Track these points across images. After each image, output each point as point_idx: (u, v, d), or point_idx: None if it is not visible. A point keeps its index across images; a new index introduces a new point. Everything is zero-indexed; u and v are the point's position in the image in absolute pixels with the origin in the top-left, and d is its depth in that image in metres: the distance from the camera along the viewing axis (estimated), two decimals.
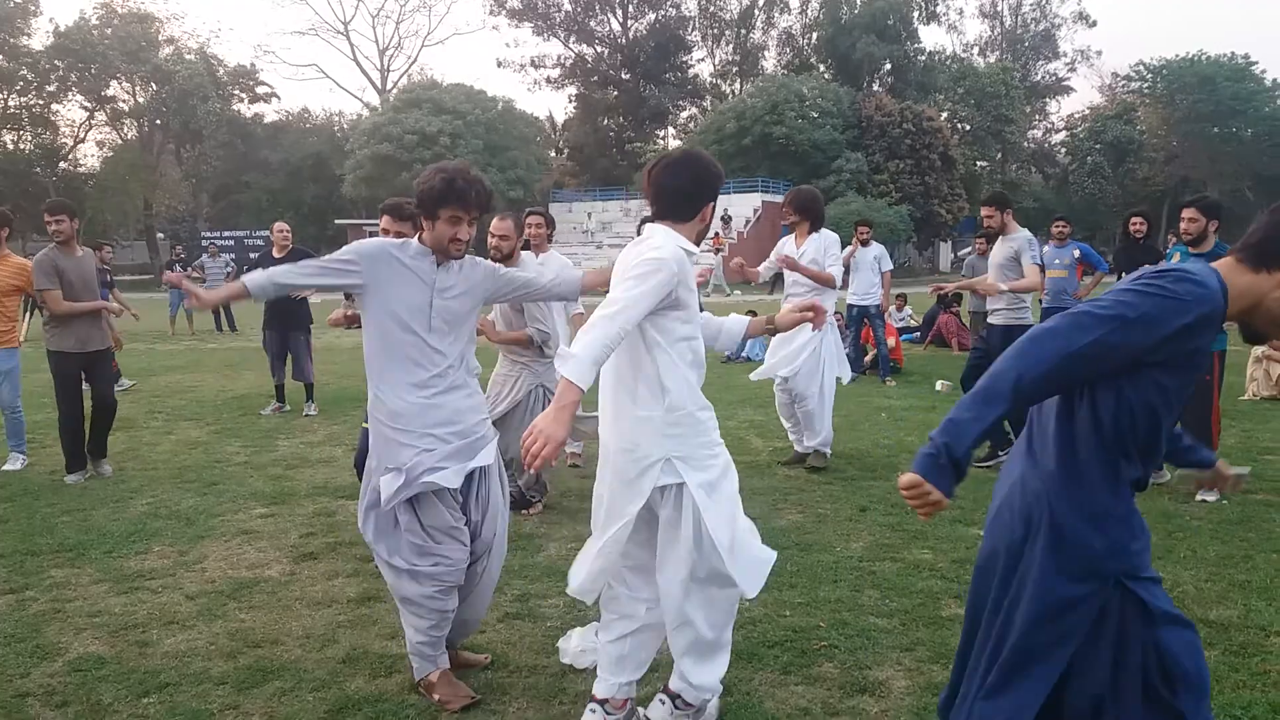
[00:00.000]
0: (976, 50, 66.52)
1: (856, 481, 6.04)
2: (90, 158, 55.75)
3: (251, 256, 11.69)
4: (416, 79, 59.89)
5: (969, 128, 55.21)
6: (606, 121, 63.06)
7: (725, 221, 40.56)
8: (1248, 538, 4.80)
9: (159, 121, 51.48)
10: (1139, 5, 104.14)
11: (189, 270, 19.55)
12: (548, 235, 6.11)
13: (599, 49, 62.92)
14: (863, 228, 11.36)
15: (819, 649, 3.54)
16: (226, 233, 43.01)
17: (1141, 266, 7.92)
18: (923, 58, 58.33)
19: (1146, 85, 57.62)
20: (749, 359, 12.49)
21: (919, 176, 46.39)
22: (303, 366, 9.29)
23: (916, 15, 57.81)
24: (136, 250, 53.93)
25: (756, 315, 3.38)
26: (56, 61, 47.42)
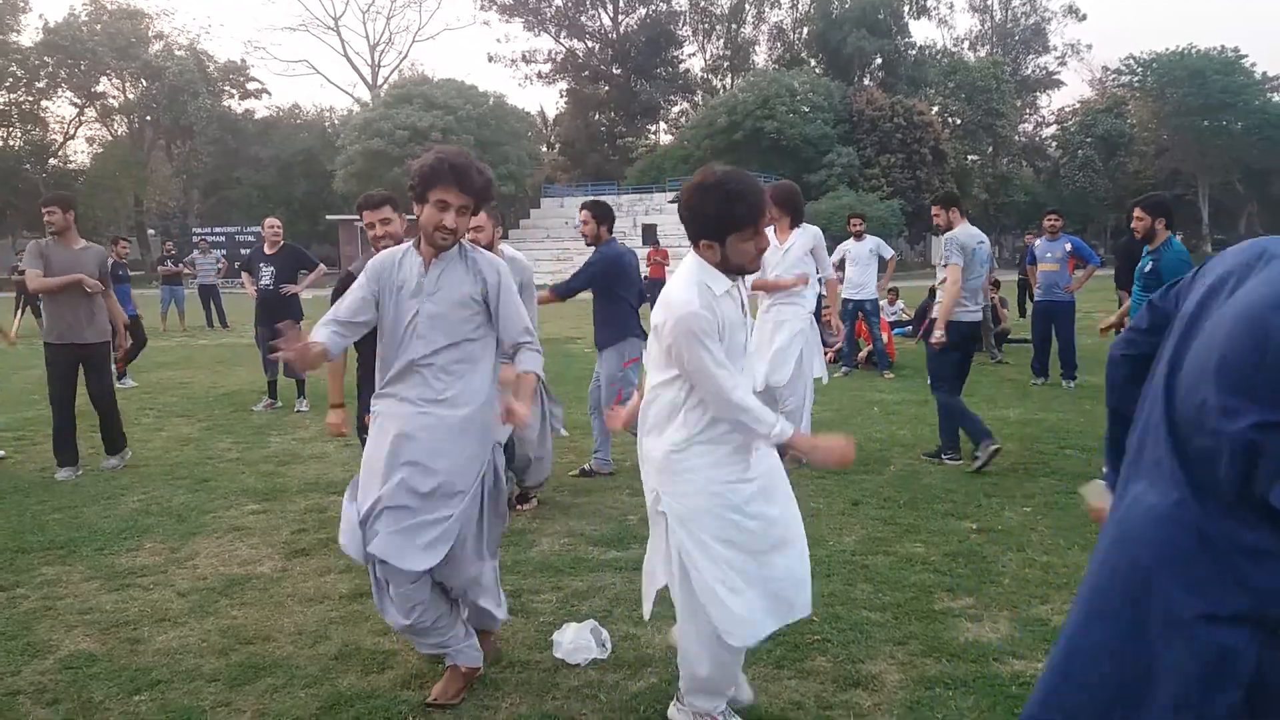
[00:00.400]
0: (967, 44, 66.62)
1: (849, 475, 6.04)
2: (80, 154, 55.62)
3: (243, 253, 11.68)
4: (408, 74, 59.80)
5: (960, 122, 55.27)
6: (598, 116, 62.98)
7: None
8: None
9: (149, 118, 51.34)
10: None
11: (180, 266, 19.46)
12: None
13: (590, 44, 62.81)
14: (855, 220, 11.06)
15: (812, 643, 3.54)
16: (217, 229, 42.88)
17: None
18: (913, 52, 58.35)
19: (1136, 79, 57.73)
20: None
21: (910, 171, 46.44)
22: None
23: (907, 9, 57.81)
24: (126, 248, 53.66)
25: None
26: (46, 58, 47.24)
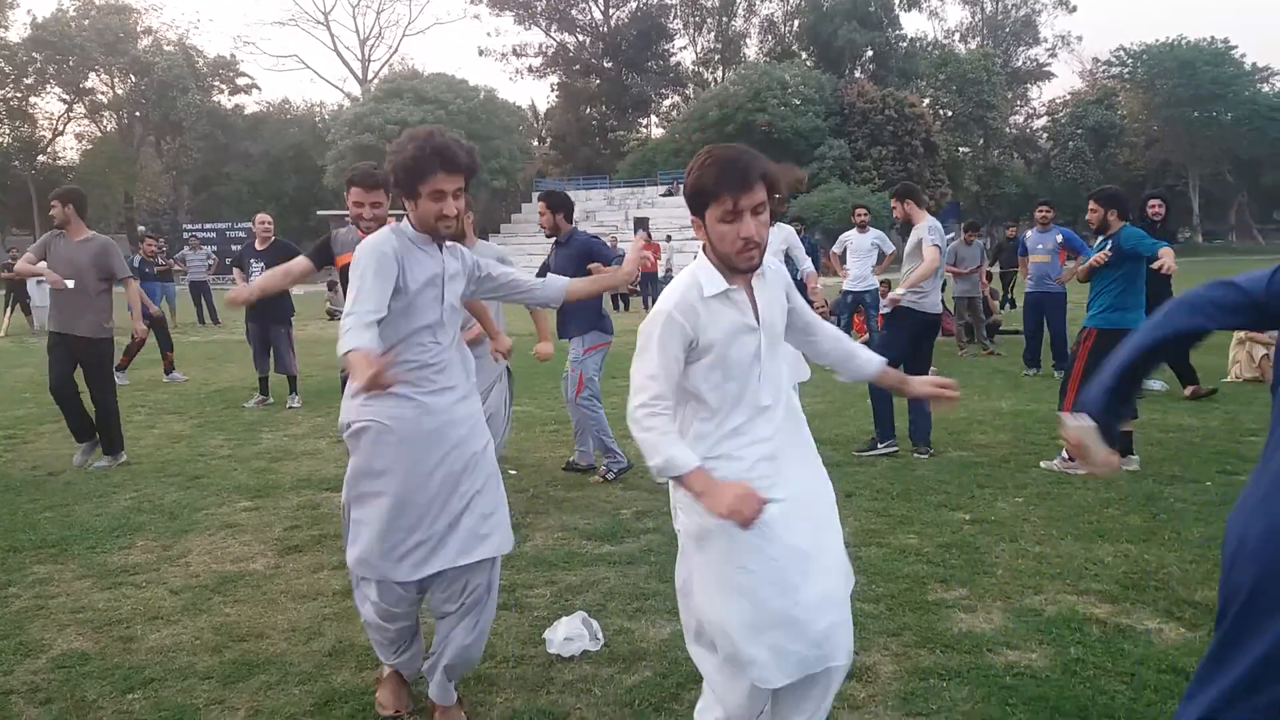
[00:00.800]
0: (958, 36, 66.69)
1: (842, 467, 6.05)
2: (69, 150, 55.40)
3: (233, 249, 11.67)
4: (398, 69, 59.63)
5: (951, 114, 55.32)
6: (589, 110, 62.89)
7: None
8: None
9: (138, 113, 51.15)
10: None
11: (170, 263, 19.38)
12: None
13: (581, 37, 62.71)
14: (860, 210, 10.83)
15: None
16: (208, 225, 42.78)
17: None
18: (904, 44, 58.42)
19: (1127, 70, 57.86)
20: None
21: (902, 163, 46.48)
22: (285, 359, 9.24)
23: (898, 1, 57.91)
24: (117, 243, 53.43)
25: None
26: (34, 54, 47.02)
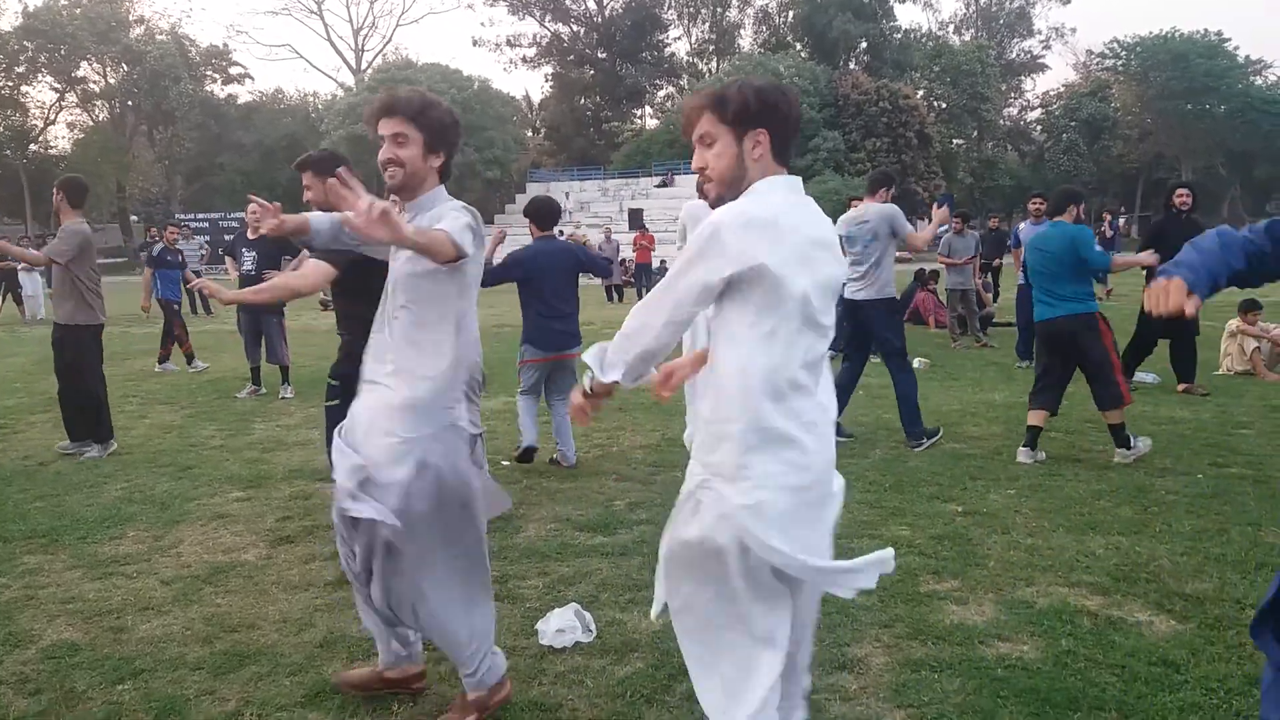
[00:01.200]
0: (952, 28, 66.70)
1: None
2: (61, 140, 55.18)
3: (226, 239, 11.64)
4: (391, 59, 59.43)
5: (945, 106, 55.33)
6: (583, 101, 62.74)
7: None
8: (1223, 511, 4.85)
9: (130, 103, 50.89)
10: None
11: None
12: None
13: (575, 27, 62.50)
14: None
15: None
16: (200, 215, 42.62)
17: (1184, 241, 7.94)
18: (899, 36, 58.31)
19: (1121, 62, 57.91)
20: None
21: (896, 155, 46.48)
22: (276, 349, 9.21)
23: None
24: (110, 233, 53.23)
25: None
26: (25, 42, 46.73)
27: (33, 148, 50.35)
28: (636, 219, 35.28)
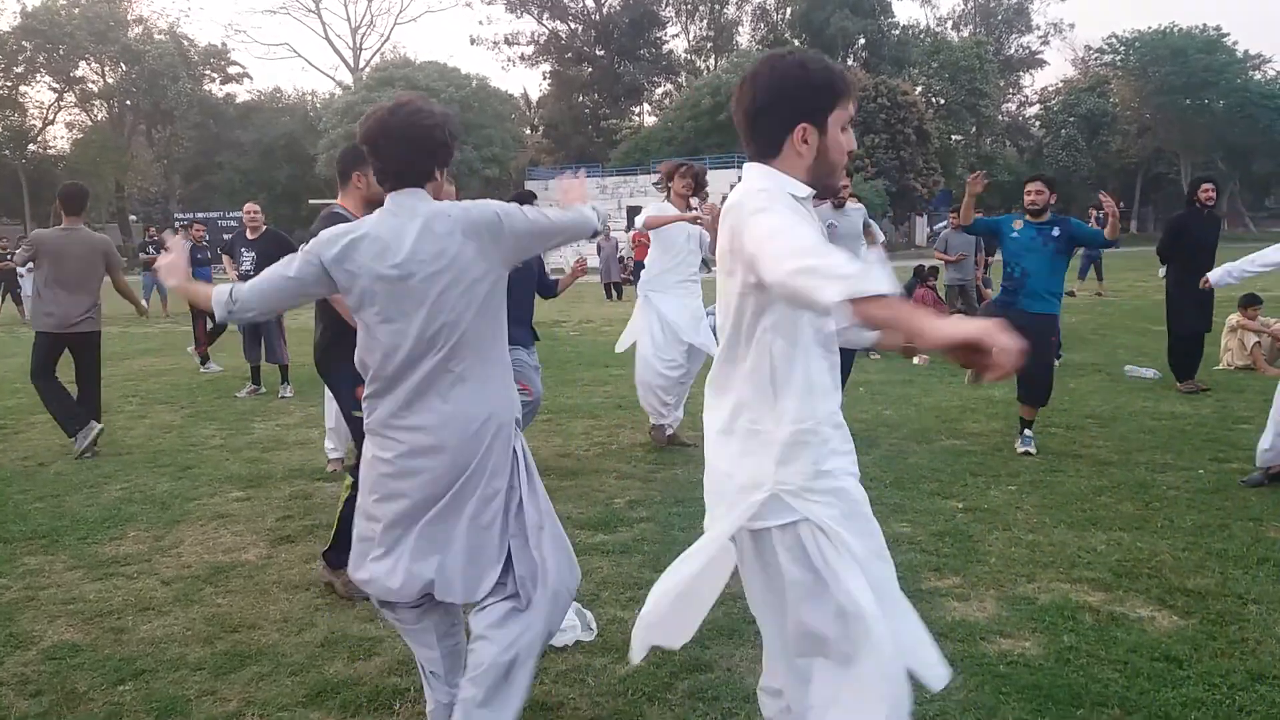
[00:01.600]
0: (950, 24, 66.68)
1: None
2: (60, 139, 55.19)
3: (224, 238, 11.62)
4: (389, 57, 59.33)
5: (943, 102, 55.28)
6: (581, 98, 62.70)
7: (702, 199, 40.45)
8: (1224, 506, 4.84)
9: (129, 102, 50.85)
10: None
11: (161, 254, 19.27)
12: None
13: (573, 25, 62.45)
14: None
15: None
16: (199, 214, 42.52)
17: (1207, 236, 7.77)
18: (896, 32, 58.29)
19: (1119, 58, 57.85)
20: None
21: (894, 151, 46.43)
22: (275, 348, 9.20)
23: None
24: (109, 233, 53.14)
25: None
26: (24, 42, 46.70)
27: (31, 148, 50.33)
28: (635, 217, 35.31)
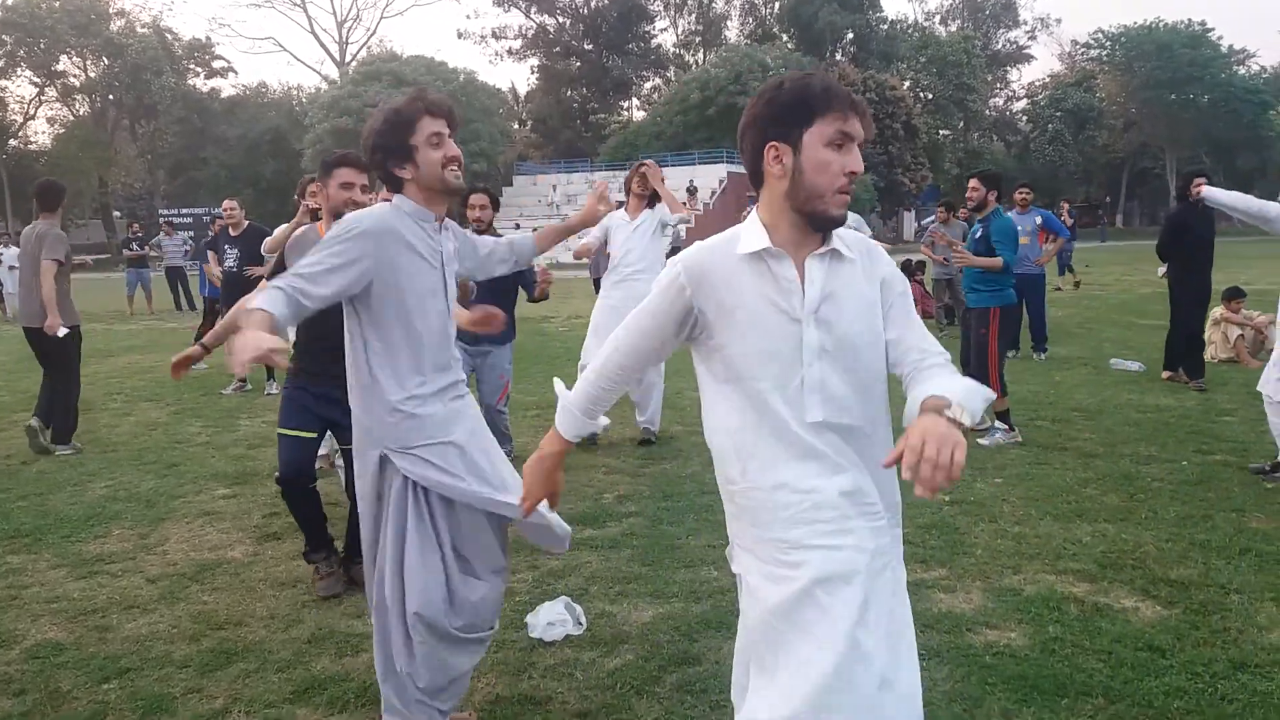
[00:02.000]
0: (938, 19, 66.86)
1: None
2: (42, 135, 54.85)
3: (210, 234, 11.60)
4: (376, 51, 59.12)
5: (931, 97, 55.45)
6: (570, 93, 62.61)
7: (691, 193, 40.47)
8: (1207, 498, 4.88)
9: (112, 97, 50.50)
10: None
11: (146, 248, 19.16)
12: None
13: (561, 19, 62.32)
14: None
15: None
16: (184, 210, 42.26)
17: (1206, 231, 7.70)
18: (885, 27, 58.39)
19: (1105, 53, 58.12)
20: None
21: (882, 146, 46.53)
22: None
23: None
24: (93, 229, 52.83)
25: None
26: (4, 36, 46.29)
27: (12, 143, 49.89)
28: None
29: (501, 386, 5.97)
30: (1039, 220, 10.10)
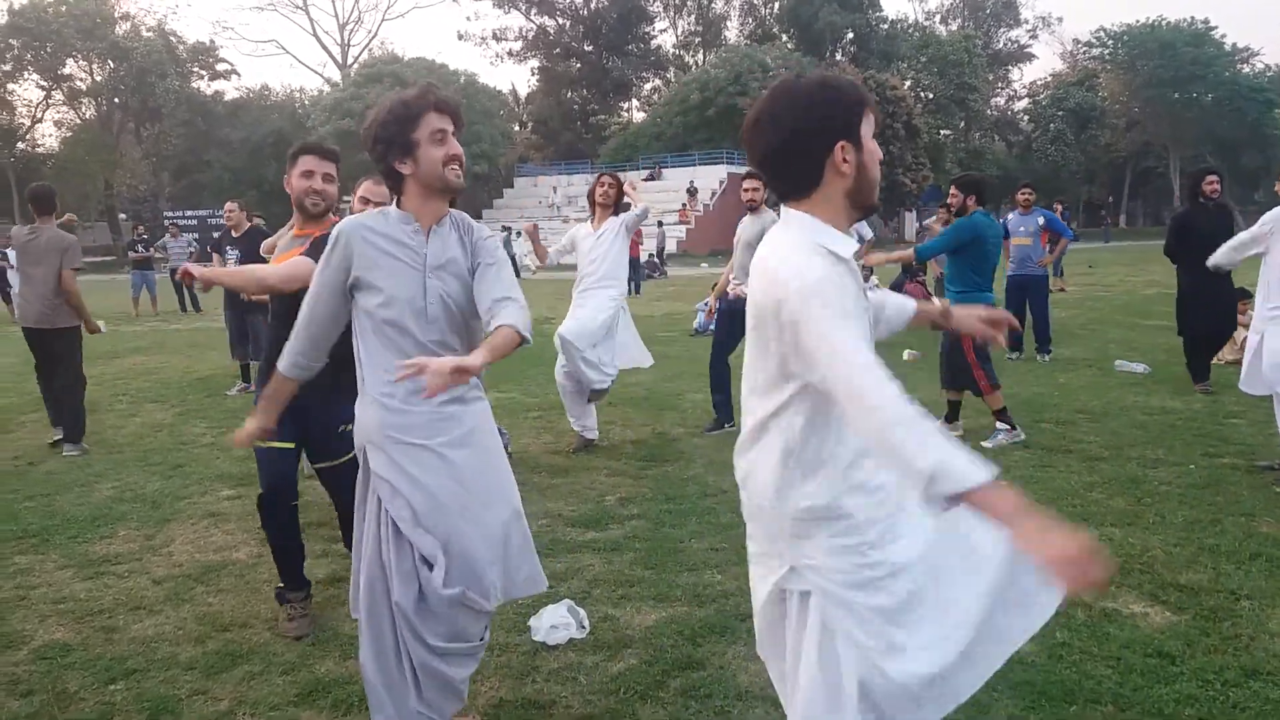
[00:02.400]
0: (939, 18, 66.81)
1: None
2: (48, 138, 54.76)
3: (214, 235, 11.58)
4: (377, 53, 59.19)
5: (932, 96, 55.36)
6: (570, 94, 62.59)
7: (691, 194, 40.47)
8: (1215, 502, 4.86)
9: (117, 100, 50.50)
10: None
11: (151, 250, 19.19)
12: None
13: (560, 20, 62.29)
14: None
15: None
16: (189, 212, 42.27)
17: (1214, 230, 7.58)
18: (885, 26, 58.36)
19: (1108, 51, 57.99)
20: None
21: (883, 146, 45.28)
22: (263, 346, 9.14)
23: None
24: (98, 231, 52.88)
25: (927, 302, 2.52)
26: (11, 40, 46.32)
27: (20, 146, 49.93)
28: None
29: None
30: (1041, 221, 10.06)
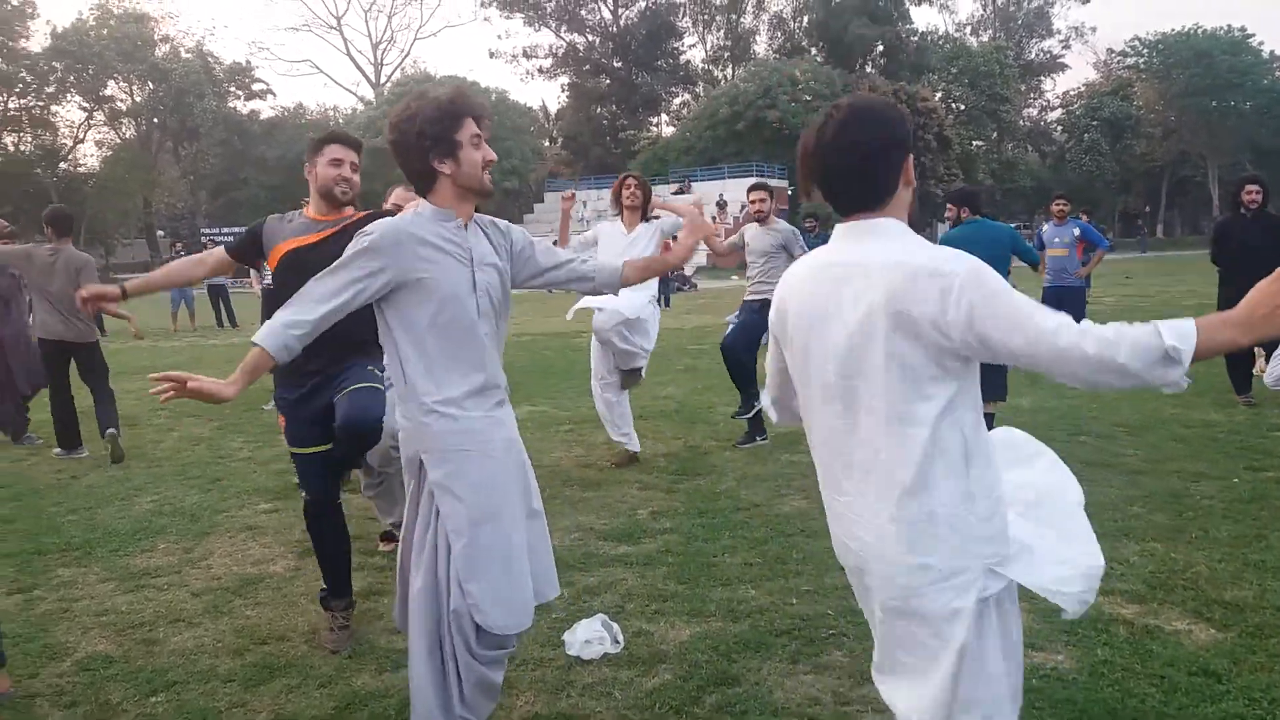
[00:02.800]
0: (969, 29, 66.39)
1: None
2: (90, 158, 55.93)
3: None
4: (410, 72, 59.94)
5: (964, 108, 55.09)
6: (600, 110, 62.92)
7: (720, 207, 40.46)
8: (1260, 516, 4.76)
9: (156, 120, 51.51)
10: None
11: None
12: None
13: (590, 37, 62.72)
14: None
15: (827, 637, 3.51)
16: (226, 229, 42.90)
17: (1254, 240, 7.39)
18: (915, 38, 58.11)
19: (1142, 61, 57.40)
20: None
21: (915, 157, 45.83)
22: None
23: None
24: (137, 248, 53.87)
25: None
26: (54, 63, 47.48)
27: (62, 166, 51.03)
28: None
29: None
30: (1077, 232, 9.96)
